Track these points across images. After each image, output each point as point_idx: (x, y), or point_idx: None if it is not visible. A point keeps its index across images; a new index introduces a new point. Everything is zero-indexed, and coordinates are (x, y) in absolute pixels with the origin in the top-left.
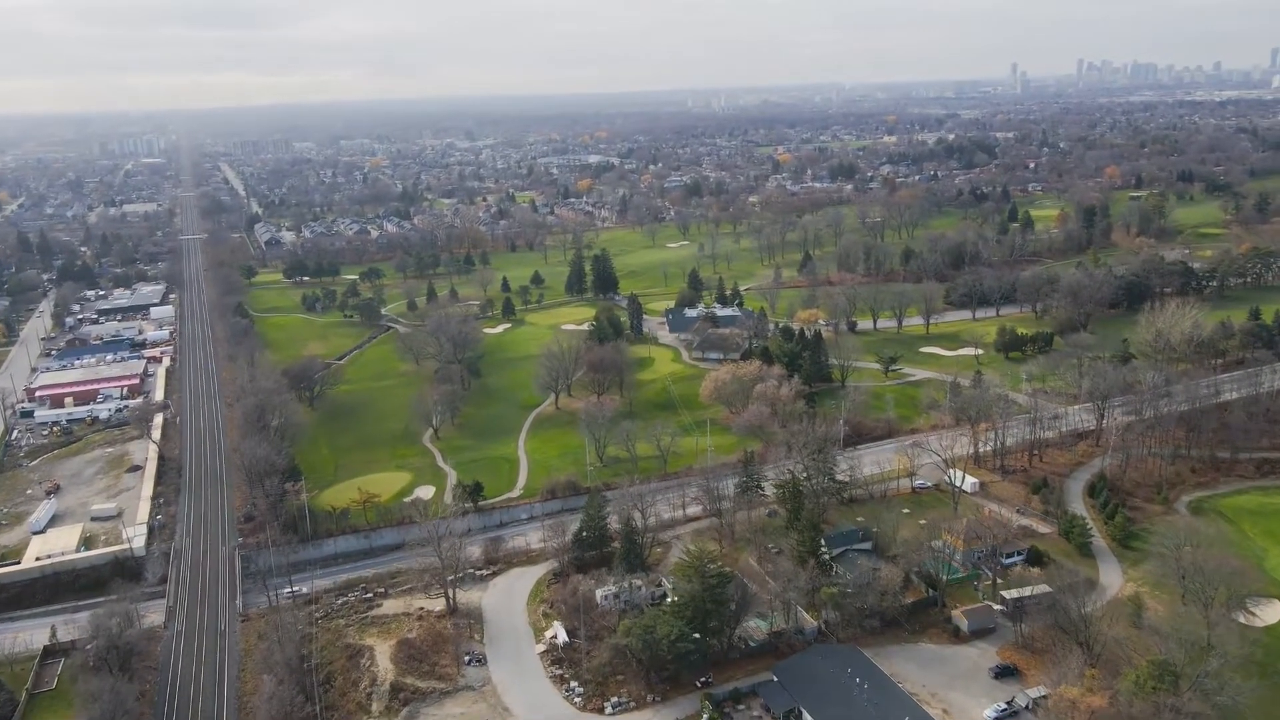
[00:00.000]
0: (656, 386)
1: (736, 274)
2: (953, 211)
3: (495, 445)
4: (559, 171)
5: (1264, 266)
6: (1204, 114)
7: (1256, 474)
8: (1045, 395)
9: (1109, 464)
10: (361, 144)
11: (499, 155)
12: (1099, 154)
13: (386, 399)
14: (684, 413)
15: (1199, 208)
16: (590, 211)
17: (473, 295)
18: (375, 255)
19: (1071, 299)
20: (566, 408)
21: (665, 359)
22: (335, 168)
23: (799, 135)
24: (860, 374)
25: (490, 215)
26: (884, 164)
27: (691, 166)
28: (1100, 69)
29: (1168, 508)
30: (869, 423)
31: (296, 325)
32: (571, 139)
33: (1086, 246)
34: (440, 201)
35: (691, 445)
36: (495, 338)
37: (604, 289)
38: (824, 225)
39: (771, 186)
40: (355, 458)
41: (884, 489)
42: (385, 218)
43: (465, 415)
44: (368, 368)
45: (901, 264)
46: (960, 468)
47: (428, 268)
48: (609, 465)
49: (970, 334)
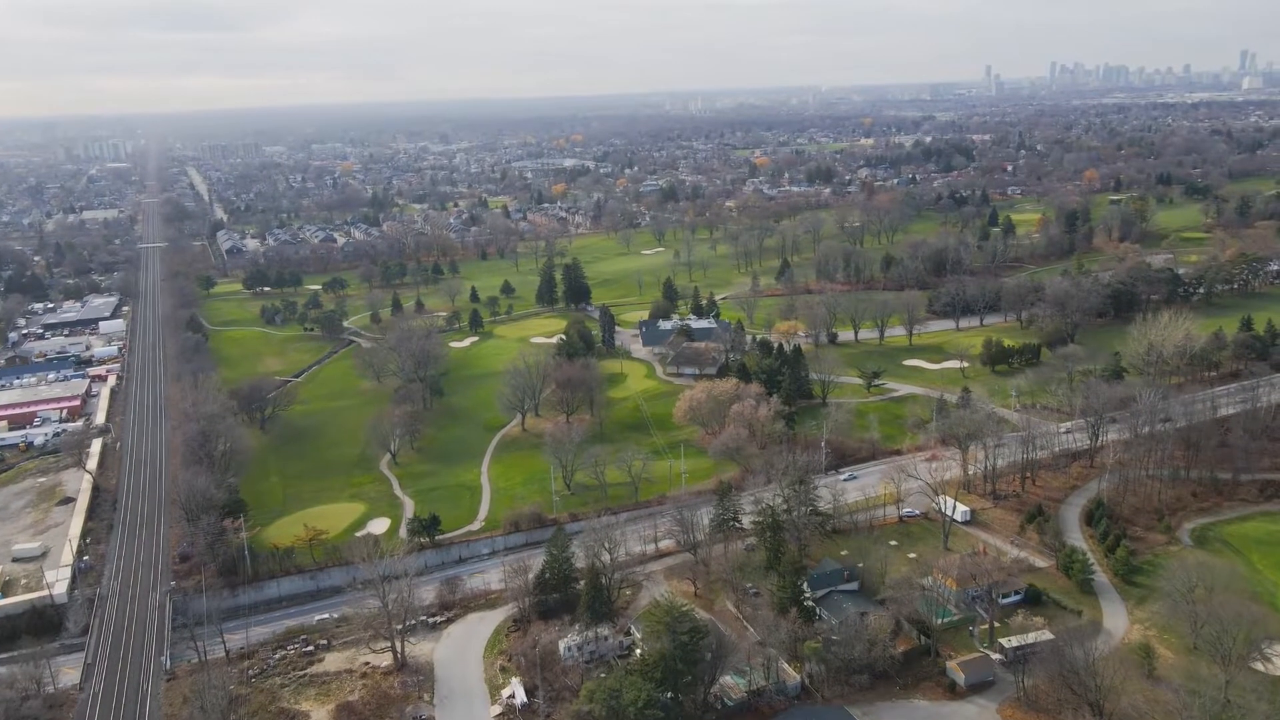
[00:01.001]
0: (629, 405)
1: (713, 282)
2: (932, 215)
3: (457, 471)
4: (533, 176)
5: (1251, 273)
6: (1177, 116)
7: (1260, 497)
8: (1035, 411)
9: (1105, 487)
10: (333, 148)
11: (473, 159)
12: (1076, 157)
13: (344, 420)
14: (657, 434)
15: (1179, 211)
16: (564, 217)
17: (440, 306)
18: (340, 264)
19: (1058, 309)
20: (534, 429)
21: (638, 375)
22: (305, 172)
23: (776, 138)
24: (842, 390)
25: (461, 221)
26: (862, 167)
27: (668, 170)
28: (1073, 71)
29: (1170, 537)
30: (852, 443)
31: (254, 339)
32: (547, 142)
33: (1069, 252)
34: (411, 207)
35: (665, 470)
36: (461, 352)
37: (576, 299)
38: (802, 231)
39: (749, 190)
40: (306, 487)
41: (869, 518)
42: (353, 224)
43: (426, 438)
44: (326, 385)
45: (882, 271)
46: (950, 494)
47: (394, 277)
48: (577, 493)
49: (955, 346)
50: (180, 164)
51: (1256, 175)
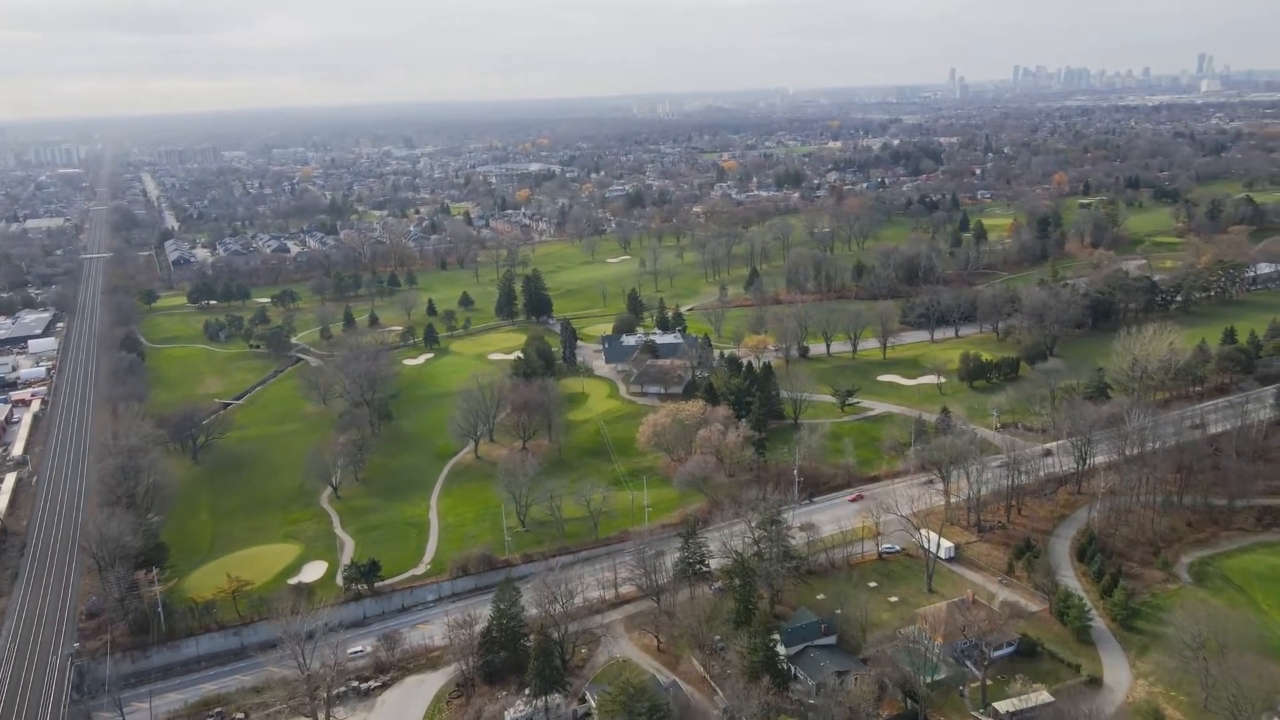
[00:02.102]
0: (590, 428)
1: (680, 292)
2: (902, 221)
3: (403, 505)
4: (497, 181)
5: (1229, 280)
6: (1140, 118)
7: (1258, 526)
8: (1017, 432)
9: (1096, 517)
10: (295, 152)
11: (436, 164)
12: (1044, 160)
13: (284, 448)
14: (619, 460)
15: (1150, 215)
16: (527, 224)
17: (395, 320)
18: (293, 275)
19: (1036, 320)
20: (488, 456)
21: (600, 394)
22: (263, 178)
23: (744, 141)
24: (815, 409)
25: (421, 229)
26: (830, 170)
27: (634, 175)
28: (1035, 74)
29: (1168, 573)
30: (826, 470)
31: (195, 358)
32: (513, 146)
33: (1042, 258)
34: (371, 214)
35: (627, 502)
36: (415, 370)
37: (537, 312)
38: (771, 238)
39: (716, 195)
40: (238, 526)
41: (846, 555)
42: (309, 232)
43: (372, 467)
44: (268, 408)
45: (854, 280)
46: (932, 527)
47: (348, 289)
48: (532, 530)
49: (931, 359)
50: (136, 169)
51: (1222, 178)
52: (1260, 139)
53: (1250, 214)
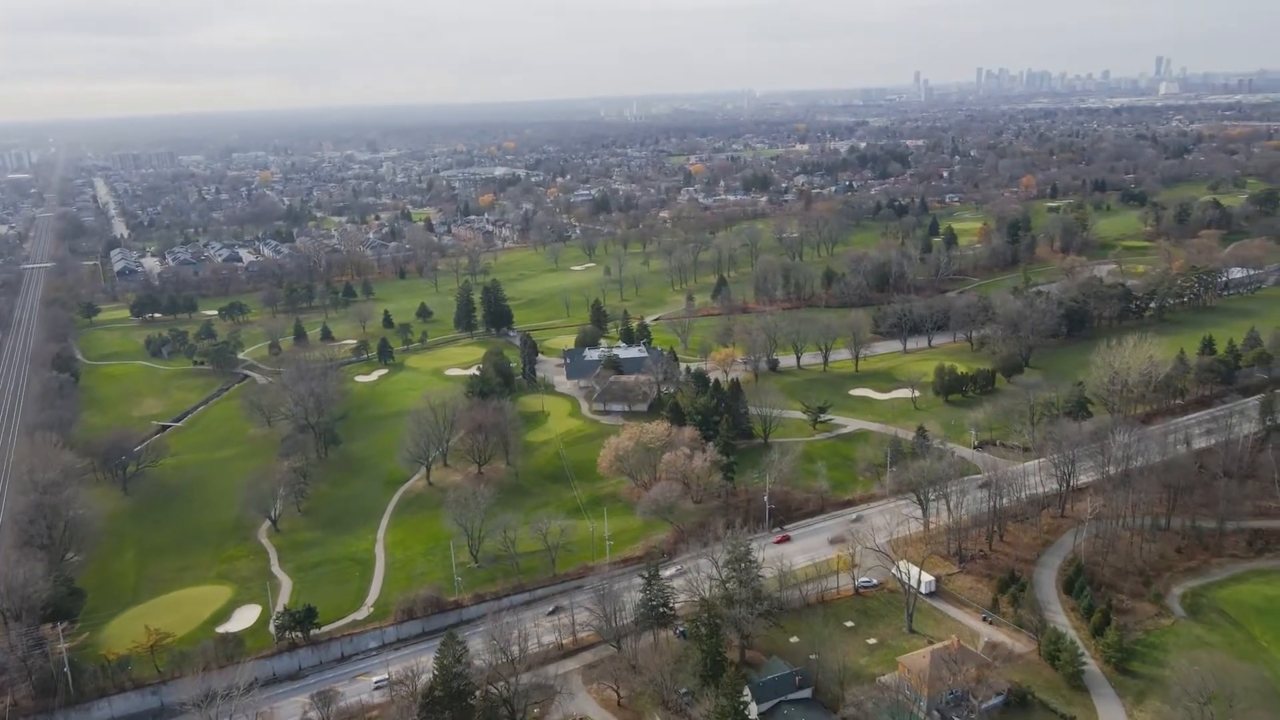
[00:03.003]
0: (550, 450)
1: (645, 301)
2: (872, 225)
3: (348, 539)
4: (461, 186)
5: (1202, 286)
6: (1102, 120)
7: (1249, 551)
8: (995, 450)
9: (1081, 543)
10: (255, 156)
11: (400, 168)
12: (1011, 163)
13: (223, 476)
14: (580, 486)
15: (1118, 218)
16: (490, 231)
17: (349, 333)
18: (244, 285)
19: (1011, 330)
20: (441, 482)
21: (561, 412)
22: (220, 183)
23: (711, 144)
24: (785, 426)
25: (380, 236)
26: (798, 174)
27: (601, 179)
28: (998, 77)
29: (1160, 606)
30: (798, 494)
31: (134, 376)
32: (478, 150)
33: (1013, 263)
34: (330, 220)
35: (588, 533)
36: (367, 388)
37: (497, 324)
38: (739, 244)
39: (684, 200)
40: (167, 565)
41: (820, 590)
42: (263, 240)
43: (316, 496)
44: (209, 432)
45: (823, 287)
46: (911, 558)
47: (300, 301)
48: (485, 566)
49: (904, 371)
50: (89, 174)
51: (1187, 180)
52: (1221, 141)
53: (1218, 217)
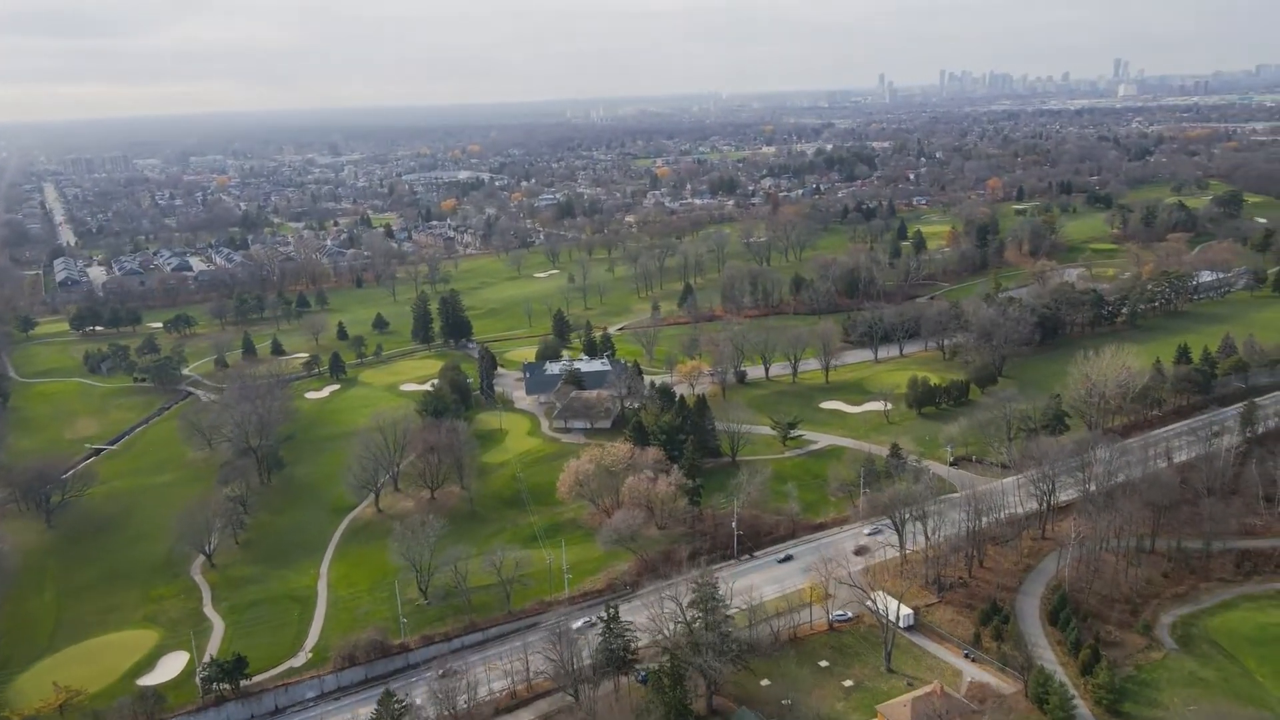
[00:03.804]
0: (507, 473)
1: (610, 309)
2: (839, 229)
3: (288, 574)
4: (423, 190)
5: (1174, 291)
6: (1064, 122)
7: (1238, 573)
8: (972, 466)
9: (1064, 567)
10: (213, 160)
11: (362, 172)
12: (976, 165)
13: (158, 506)
14: (538, 511)
15: (1084, 221)
16: (451, 237)
17: (302, 346)
18: (194, 296)
19: (984, 340)
20: (391, 509)
21: (520, 431)
22: (176, 188)
23: (678, 146)
24: (754, 444)
25: (338, 243)
26: (765, 176)
27: (566, 182)
28: (961, 79)
29: (1150, 638)
30: (767, 518)
31: (70, 394)
32: (443, 153)
33: (983, 267)
34: (288, 226)
35: (544, 564)
36: (317, 406)
37: (456, 335)
38: (705, 250)
39: (649, 204)
40: (90, 606)
41: (792, 625)
42: (215, 247)
43: (256, 527)
44: (145, 456)
45: (792, 294)
46: (888, 589)
47: (251, 312)
48: (434, 603)
49: (876, 383)
50: (40, 179)
51: (1150, 182)
52: (1181, 143)
53: (1183, 219)
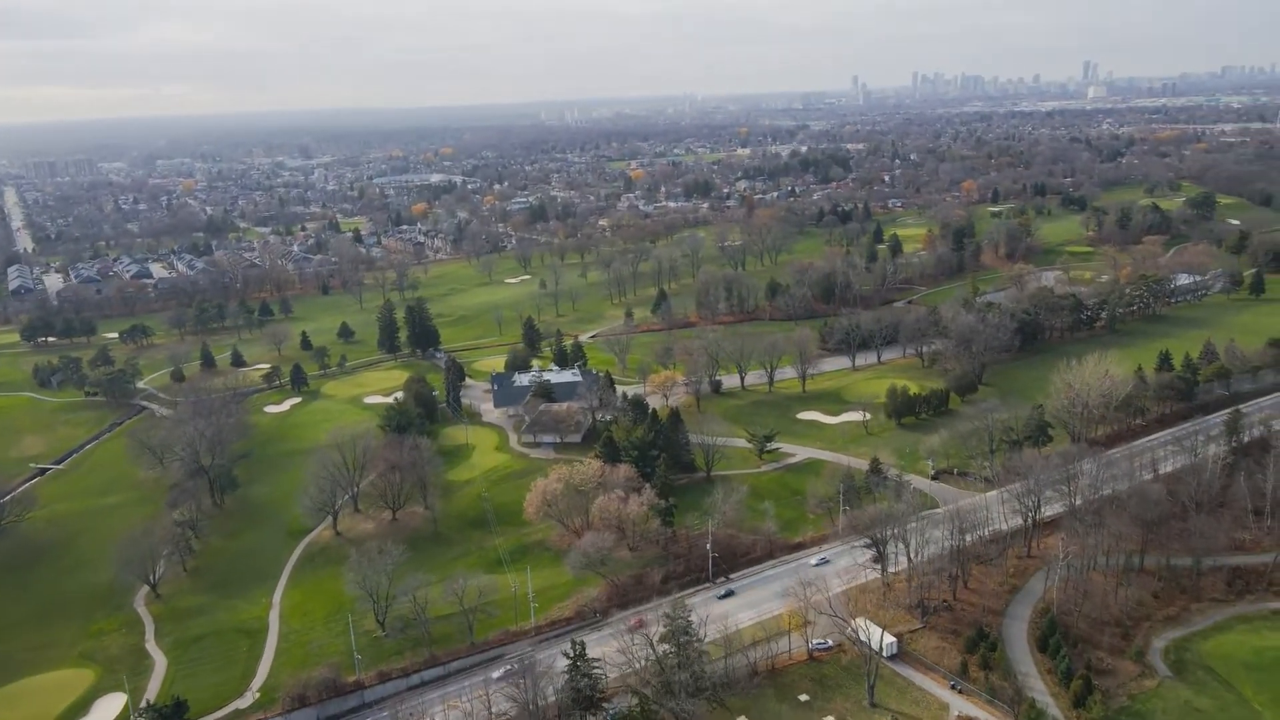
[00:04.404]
0: (473, 491)
1: (582, 316)
2: (815, 232)
3: (239, 604)
4: (394, 194)
5: (1152, 295)
6: (1035, 124)
7: (1229, 592)
8: (954, 479)
9: (1052, 588)
10: (180, 164)
11: (332, 175)
12: (951, 166)
13: (102, 531)
14: (505, 532)
15: (1059, 223)
16: (421, 241)
17: (264, 356)
18: (153, 304)
19: (963, 347)
20: (351, 531)
21: (488, 445)
22: (141, 191)
23: (652, 149)
24: (729, 458)
25: (305, 249)
26: (740, 179)
27: (539, 185)
28: (933, 81)
29: (1142, 665)
30: (744, 538)
31: (17, 410)
32: (415, 156)
33: (959, 270)
34: (254, 231)
35: (510, 591)
36: (276, 420)
37: (423, 344)
38: (680, 254)
39: (624, 207)
40: (21, 643)
41: (770, 655)
42: (178, 254)
43: (207, 552)
44: (92, 475)
45: (768, 299)
46: (870, 614)
47: (211, 321)
48: (393, 636)
49: (854, 392)
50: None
51: (1123, 184)
52: (1152, 144)
53: (1157, 221)
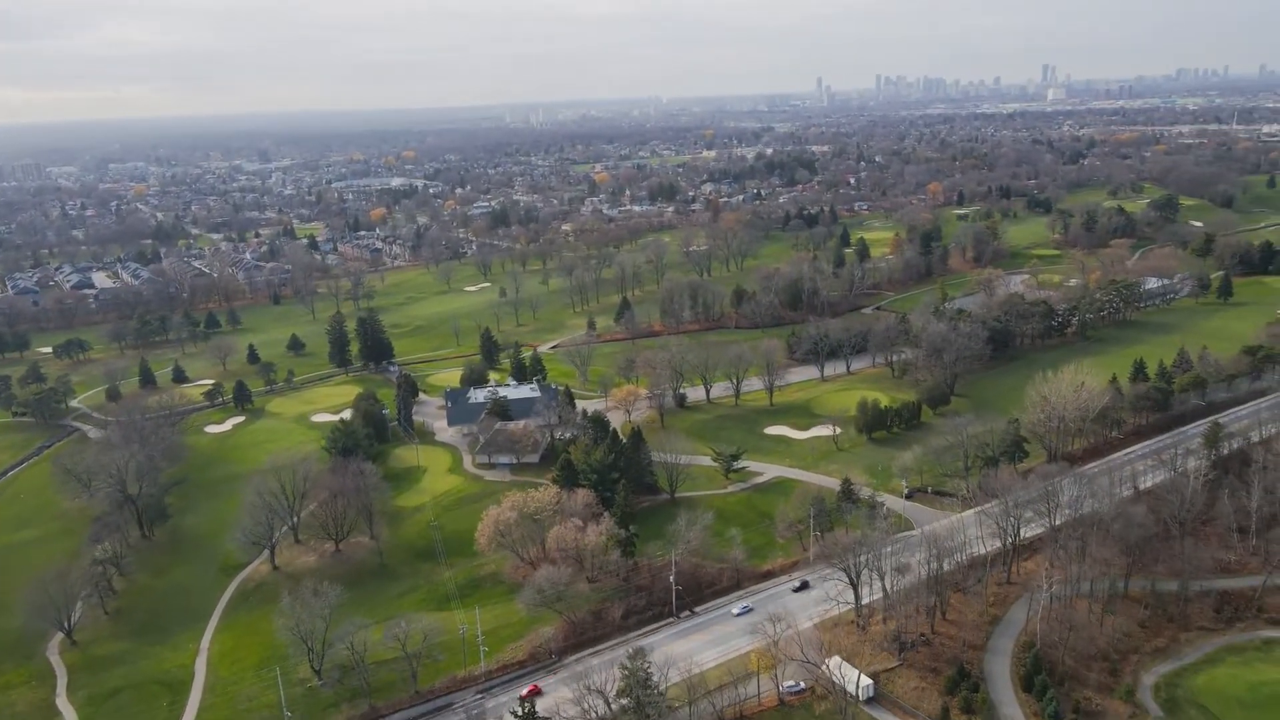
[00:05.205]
0: (423, 518)
1: (543, 325)
2: (781, 236)
3: (163, 650)
4: (353, 198)
5: (1123, 301)
6: (997, 126)
7: (1218, 620)
8: (928, 498)
9: (1034, 619)
10: (134, 168)
11: (290, 179)
12: (916, 169)
13: (17, 569)
14: (456, 564)
15: (1026, 226)
16: (379, 248)
17: (207, 372)
18: (94, 316)
19: (935, 356)
20: (290, 565)
21: (440, 467)
22: (89, 197)
23: (617, 151)
24: (694, 477)
25: (257, 256)
26: (705, 181)
27: (503, 189)
28: (896, 83)
29: (1133, 705)
30: (709, 567)
31: None
32: (376, 159)
33: (928, 274)
34: (205, 238)
35: (459, 632)
36: (217, 441)
37: (376, 357)
38: (644, 260)
39: (587, 211)
40: None
41: (738, 701)
42: (124, 262)
43: (131, 591)
44: (11, 507)
45: (733, 306)
46: (844, 651)
47: (154, 334)
48: (329, 685)
49: (823, 405)
50: None
51: (1086, 186)
52: (1113, 146)
53: (1123, 224)
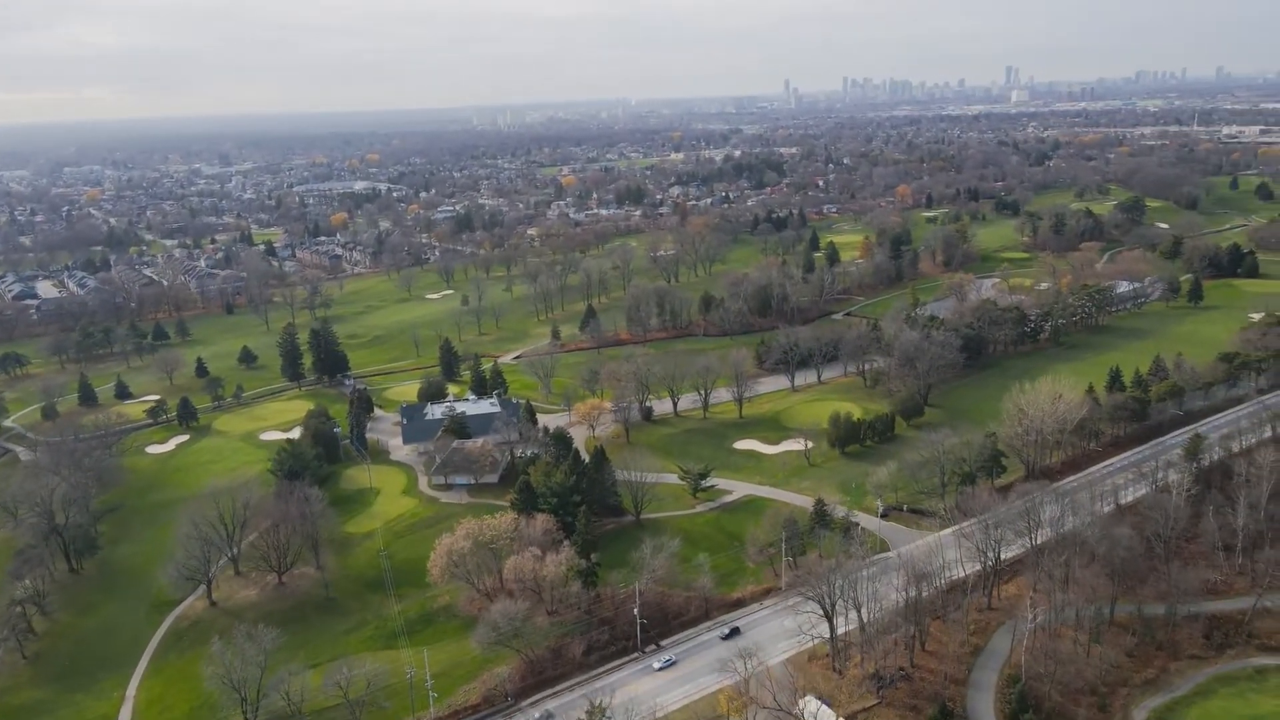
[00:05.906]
0: (373, 546)
1: (506, 334)
2: (750, 240)
3: (85, 699)
4: (314, 202)
5: (1096, 306)
6: (963, 127)
7: (1207, 646)
8: (904, 517)
9: (1018, 649)
10: (89, 171)
11: (250, 183)
12: (884, 171)
13: None
14: (406, 596)
15: (995, 228)
16: (339, 254)
17: (153, 388)
18: (35, 328)
19: (908, 366)
20: (229, 600)
21: (395, 489)
22: (40, 202)
23: (585, 154)
24: (661, 497)
25: (211, 263)
26: (673, 184)
27: (468, 192)
28: (863, 86)
29: None
30: (676, 596)
31: None
32: (340, 163)
33: (898, 278)
34: (159, 244)
35: (406, 674)
36: (158, 463)
37: (330, 370)
38: (610, 266)
39: (553, 215)
40: None
41: None
42: (71, 270)
43: (54, 632)
44: None
45: (701, 313)
46: (819, 689)
47: (97, 346)
48: None
49: (794, 417)
50: None
51: (1053, 187)
52: (1077, 148)
53: (1091, 227)
